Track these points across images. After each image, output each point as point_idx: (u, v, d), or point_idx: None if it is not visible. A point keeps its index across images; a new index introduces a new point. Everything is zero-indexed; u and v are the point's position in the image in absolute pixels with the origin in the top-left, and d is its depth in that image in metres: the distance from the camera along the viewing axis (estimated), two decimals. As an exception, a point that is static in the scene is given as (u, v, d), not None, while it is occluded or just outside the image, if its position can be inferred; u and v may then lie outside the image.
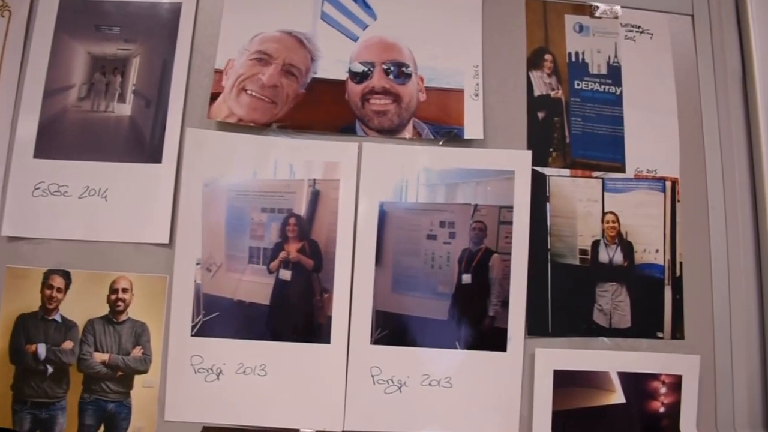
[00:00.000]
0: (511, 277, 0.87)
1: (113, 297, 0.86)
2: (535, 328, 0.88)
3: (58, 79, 0.89)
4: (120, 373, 0.85)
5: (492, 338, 0.87)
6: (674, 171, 0.94)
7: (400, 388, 0.85)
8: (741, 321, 0.91)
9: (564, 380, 0.87)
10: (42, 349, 0.85)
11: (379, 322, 0.86)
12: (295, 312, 0.86)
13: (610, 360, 0.89)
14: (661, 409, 0.89)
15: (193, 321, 0.85)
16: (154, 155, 0.87)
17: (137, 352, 0.85)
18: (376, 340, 0.85)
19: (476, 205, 0.88)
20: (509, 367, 0.86)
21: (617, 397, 0.89)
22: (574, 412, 0.88)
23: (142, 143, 0.88)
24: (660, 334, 0.90)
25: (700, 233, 0.93)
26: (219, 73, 0.89)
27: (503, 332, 0.87)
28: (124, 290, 0.86)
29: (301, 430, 0.84)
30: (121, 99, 0.89)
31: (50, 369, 0.85)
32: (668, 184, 0.93)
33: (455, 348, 0.86)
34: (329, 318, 0.85)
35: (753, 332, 0.91)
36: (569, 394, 0.88)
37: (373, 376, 0.85)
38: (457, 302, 0.87)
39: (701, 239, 0.93)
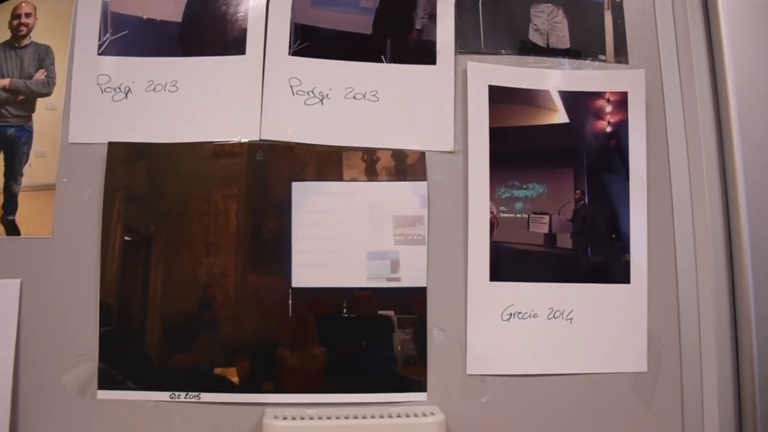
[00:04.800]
0: (438, -11, 0.77)
1: (15, 22, 0.75)
2: (467, 43, 0.77)
3: None
4: (21, 97, 0.73)
5: (420, 51, 0.76)
6: None
7: (321, 101, 0.74)
8: (686, 41, 0.80)
9: (501, 97, 0.76)
10: (-61, 78, 0.74)
11: (298, 35, 0.75)
12: (208, 26, 0.75)
13: (549, 78, 0.77)
14: (608, 129, 0.77)
15: (99, 40, 0.74)
16: None
17: (40, 75, 0.74)
18: (295, 52, 0.74)
19: None
20: (440, 80, 0.75)
21: (560, 116, 0.77)
22: (513, 129, 0.76)
23: None
24: (602, 57, 0.79)
25: (639, -38, 0.83)
26: None
27: (432, 45, 0.76)
28: (27, 15, 0.75)
29: (214, 141, 0.72)
30: None
31: (-53, 97, 0.74)
32: None
33: (381, 62, 0.75)
34: (244, 30, 0.75)
35: (701, 53, 0.80)
36: (507, 111, 0.76)
37: (292, 87, 0.73)
38: (382, 16, 0.76)
39: (640, -32, 0.83)
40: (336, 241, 0.71)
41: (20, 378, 0.69)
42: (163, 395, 0.68)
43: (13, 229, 0.71)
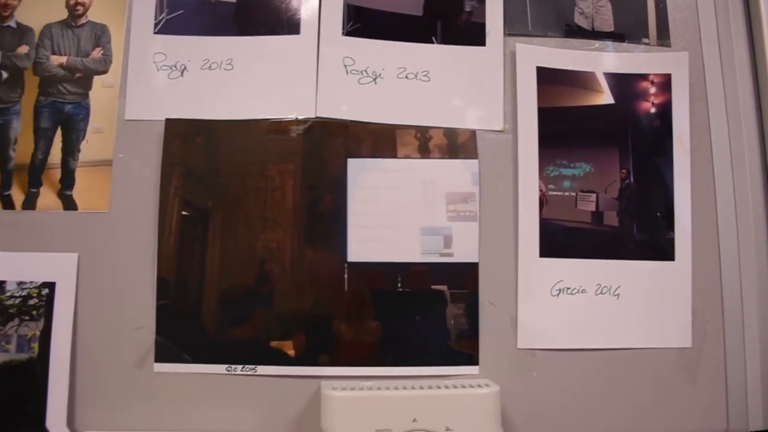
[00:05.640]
0: (486, -29, 0.78)
1: (72, 2, 0.75)
2: (514, 26, 0.78)
3: None
4: (78, 75, 0.74)
5: (470, 33, 0.77)
6: None
7: (375, 80, 0.74)
8: (726, 22, 0.81)
9: (548, 78, 0.77)
10: (-4, 56, 0.75)
11: (350, 16, 0.76)
12: (263, 7, 0.75)
13: (595, 60, 0.78)
14: (652, 110, 0.78)
15: (155, 19, 0.75)
16: None
17: (97, 53, 0.75)
18: (348, 32, 0.75)
19: None
20: (489, 61, 0.76)
21: (605, 97, 0.78)
22: (561, 110, 0.77)
23: None
24: (645, 40, 0.81)
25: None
26: None
27: (481, 27, 0.77)
28: (84, -6, 0.76)
29: (270, 118, 0.73)
30: None
31: (4, 74, 0.74)
32: None
33: (432, 43, 0.76)
34: (298, 11, 0.75)
35: (741, 35, 0.81)
36: (555, 92, 0.77)
37: (346, 66, 0.74)
38: (432, -4, 0.77)
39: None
40: (390, 216, 0.71)
41: (78, 351, 0.69)
42: (220, 368, 0.69)
43: (70, 204, 0.72)
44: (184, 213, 0.70)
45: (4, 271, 0.70)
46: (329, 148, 0.72)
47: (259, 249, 0.70)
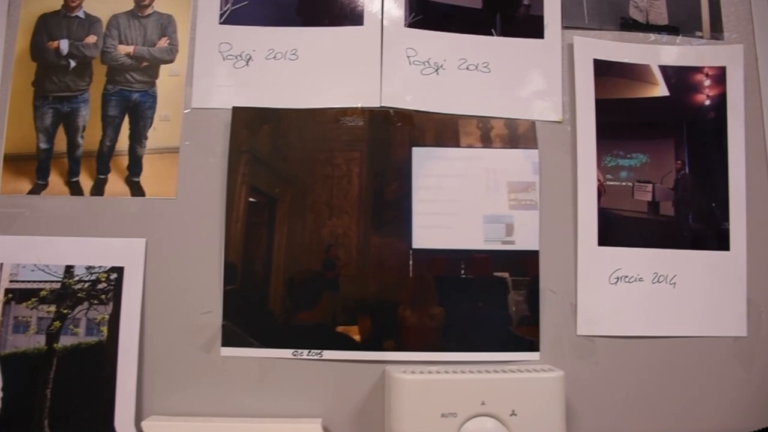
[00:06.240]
0: (544, -35, 0.79)
1: (139, -8, 0.77)
2: (571, 19, 0.79)
3: None
4: (145, 64, 0.75)
5: (528, 25, 0.78)
6: None
7: (437, 71, 0.76)
8: (780, 16, 0.82)
9: (605, 70, 0.78)
10: (64, 45, 0.75)
11: (412, 7, 0.77)
12: (326, -2, 0.77)
13: (650, 53, 0.79)
14: (707, 102, 0.79)
15: (221, 10, 0.76)
16: None
17: (163, 42, 0.76)
18: (410, 24, 0.76)
19: None
20: (548, 53, 0.77)
21: (660, 89, 0.79)
22: (618, 102, 0.78)
23: None
24: (699, 33, 0.82)
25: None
26: None
27: (539, 20, 0.78)
28: (150, -16, 0.77)
29: (336, 107, 0.74)
30: None
31: (72, 63, 0.75)
32: None
33: (491, 35, 0.77)
34: (362, 3, 0.76)
35: (793, 30, 0.82)
36: (611, 84, 0.78)
37: (408, 57, 0.75)
38: (491, -11, 0.79)
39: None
40: (454, 204, 0.72)
41: (146, 334, 0.70)
42: (286, 353, 0.70)
43: (138, 191, 0.73)
44: (251, 199, 0.71)
45: (74, 255, 0.71)
46: (394, 136, 0.73)
47: (326, 235, 0.71)
